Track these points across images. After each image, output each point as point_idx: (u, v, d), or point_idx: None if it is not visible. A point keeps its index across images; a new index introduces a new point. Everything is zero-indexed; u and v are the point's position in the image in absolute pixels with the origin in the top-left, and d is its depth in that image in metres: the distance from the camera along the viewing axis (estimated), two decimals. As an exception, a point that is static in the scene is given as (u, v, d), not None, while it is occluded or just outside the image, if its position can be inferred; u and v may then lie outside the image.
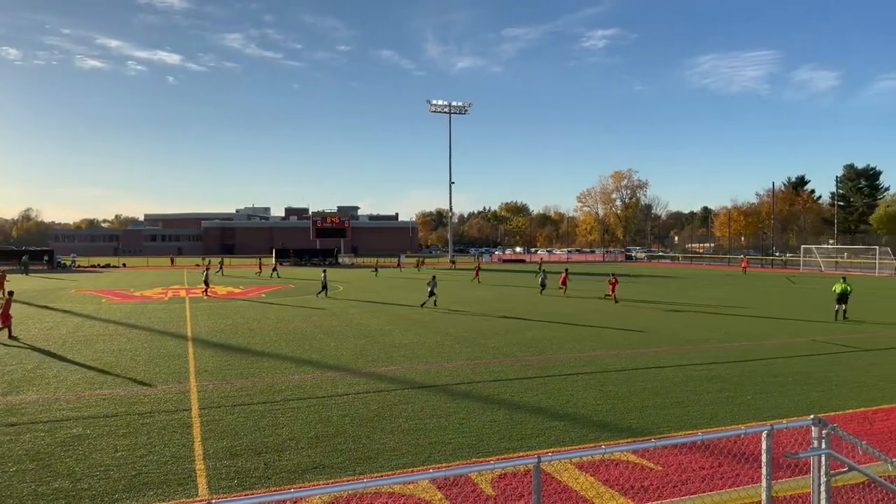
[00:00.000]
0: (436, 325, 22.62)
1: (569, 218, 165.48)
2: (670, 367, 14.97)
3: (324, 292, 34.06)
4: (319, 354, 16.70)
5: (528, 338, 19.46)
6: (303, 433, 9.78)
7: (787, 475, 7.48)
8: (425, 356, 16.40)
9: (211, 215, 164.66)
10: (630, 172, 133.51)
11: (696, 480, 7.81)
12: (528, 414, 10.90)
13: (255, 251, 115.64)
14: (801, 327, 21.88)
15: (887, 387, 12.91)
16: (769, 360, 15.89)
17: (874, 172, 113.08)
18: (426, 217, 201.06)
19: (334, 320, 24.06)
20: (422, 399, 11.89)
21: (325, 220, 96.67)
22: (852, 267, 65.61)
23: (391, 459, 8.61)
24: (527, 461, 3.97)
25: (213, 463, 8.49)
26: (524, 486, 7.43)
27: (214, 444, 9.25)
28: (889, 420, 10.56)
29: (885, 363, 15.42)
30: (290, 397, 12.07)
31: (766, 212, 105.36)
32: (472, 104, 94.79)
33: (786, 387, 12.95)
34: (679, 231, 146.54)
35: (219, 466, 8.36)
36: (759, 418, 10.58)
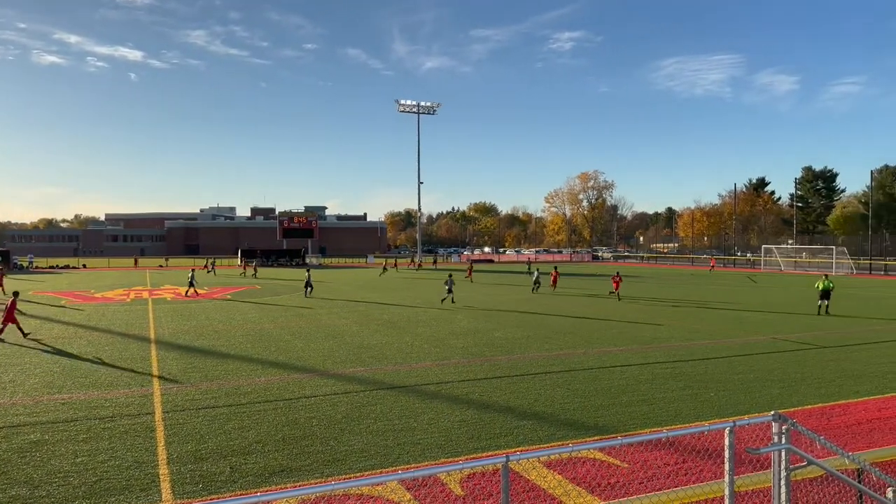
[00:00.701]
0: (405, 325, 22.57)
1: (537, 218, 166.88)
2: (636, 365, 15.20)
3: (310, 290, 34.98)
4: (286, 356, 16.52)
5: (496, 337, 19.55)
6: (269, 436, 9.65)
7: (749, 470, 7.65)
8: (394, 357, 16.35)
9: (174, 215, 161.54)
10: (596, 173, 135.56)
11: (661, 477, 7.94)
12: (496, 413, 10.95)
13: (220, 252, 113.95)
14: (762, 325, 22.42)
15: (844, 383, 13.31)
16: (731, 357, 16.24)
17: (831, 174, 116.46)
18: (395, 217, 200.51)
19: (301, 321, 23.82)
20: (390, 400, 11.85)
21: (292, 220, 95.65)
22: (811, 266, 67.49)
23: (360, 461, 8.56)
24: (495, 460, 3.98)
25: (177, 467, 8.33)
26: (493, 486, 7.45)
27: (179, 448, 9.08)
28: (846, 415, 10.89)
29: (841, 359, 15.90)
30: (256, 400, 11.90)
31: (728, 212, 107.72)
32: (441, 104, 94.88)
33: (747, 384, 13.25)
34: (644, 231, 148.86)
35: (183, 471, 8.21)
36: (721, 415, 10.81)
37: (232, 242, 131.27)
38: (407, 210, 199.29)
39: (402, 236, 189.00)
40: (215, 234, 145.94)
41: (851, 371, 14.48)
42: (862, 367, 14.96)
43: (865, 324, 22.95)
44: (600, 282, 47.04)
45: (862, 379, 13.65)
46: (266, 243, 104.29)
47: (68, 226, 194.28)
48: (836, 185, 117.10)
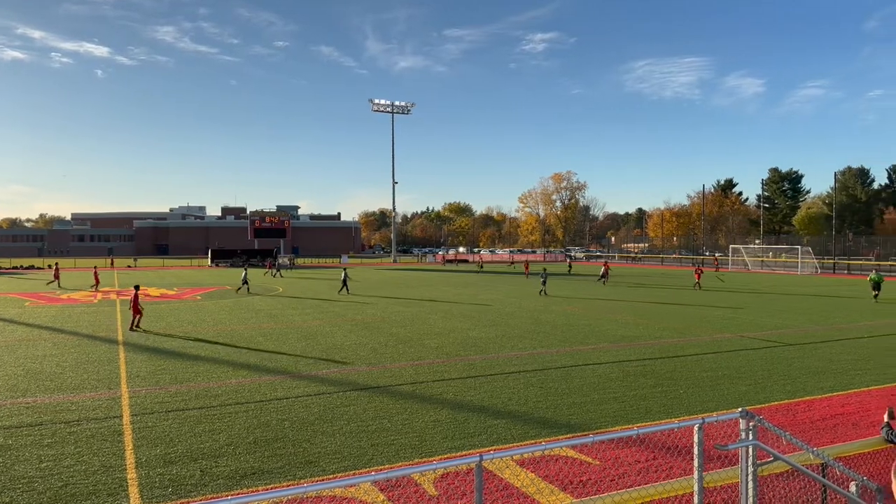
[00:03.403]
0: (379, 325, 22.49)
1: (511, 218, 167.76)
2: (608, 363, 15.37)
3: (345, 289, 36.24)
4: (258, 357, 16.34)
5: (471, 337, 19.59)
6: (241, 438, 9.54)
7: (717, 466, 7.79)
8: (368, 357, 16.29)
9: (143, 214, 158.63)
10: (569, 174, 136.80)
11: (632, 474, 8.04)
12: (470, 413, 10.98)
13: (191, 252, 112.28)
14: (730, 324, 22.84)
15: (809, 379, 13.63)
16: (700, 355, 16.52)
17: (797, 176, 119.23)
18: (369, 217, 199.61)
19: (273, 322, 23.59)
20: (364, 401, 11.81)
21: (264, 219, 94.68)
22: (777, 266, 68.99)
23: (332, 462, 8.51)
24: (469, 460, 3.99)
25: (145, 471, 8.18)
26: (466, 485, 7.48)
27: (147, 452, 8.92)
28: (811, 411, 11.16)
29: (806, 357, 16.28)
30: (227, 402, 11.76)
31: (697, 213, 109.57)
32: (415, 104, 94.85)
33: (716, 381, 13.49)
34: (615, 232, 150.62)
35: (152, 475, 8.07)
36: (691, 411, 10.99)
37: (202, 242, 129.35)
38: (381, 210, 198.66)
39: (376, 236, 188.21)
40: (185, 234, 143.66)
41: (815, 368, 14.84)
42: (825, 364, 15.34)
43: (828, 322, 23.53)
44: (579, 282, 47.43)
45: (825, 375, 14.00)
46: (237, 243, 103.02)
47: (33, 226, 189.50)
48: (802, 186, 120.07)
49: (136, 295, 22.03)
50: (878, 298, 32.15)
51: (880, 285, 32.84)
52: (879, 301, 31.57)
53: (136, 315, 21.64)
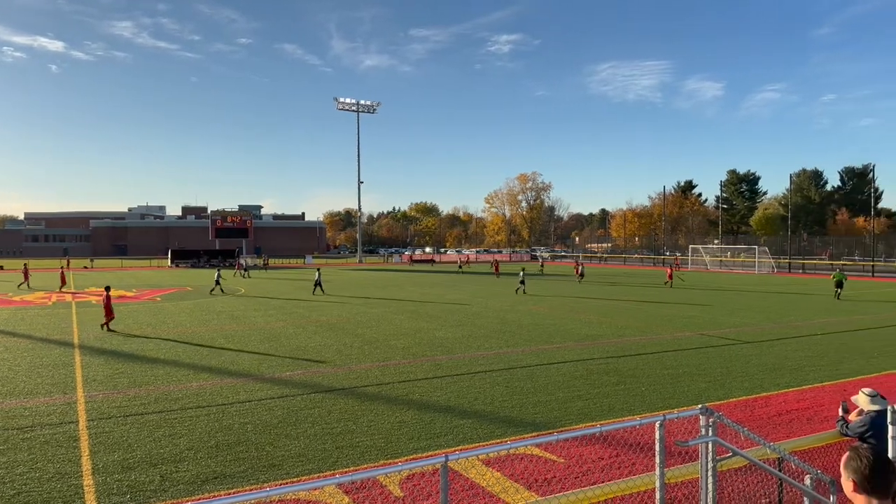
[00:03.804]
0: (344, 326, 22.32)
1: (477, 219, 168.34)
2: (572, 361, 15.54)
3: (319, 289, 36.47)
4: (220, 360, 16.05)
5: (438, 337, 19.59)
6: (202, 442, 9.36)
7: (678, 462, 7.93)
8: (333, 359, 16.14)
9: (100, 214, 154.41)
10: (535, 175, 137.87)
11: (596, 471, 8.14)
12: (437, 413, 10.97)
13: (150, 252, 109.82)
14: (690, 322, 23.32)
15: (765, 376, 14.00)
16: (661, 353, 16.82)
17: (754, 178, 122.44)
18: (334, 217, 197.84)
19: (235, 324, 23.21)
20: (329, 403, 11.70)
21: (226, 219, 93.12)
22: (735, 265, 70.71)
23: (297, 466, 8.40)
24: (434, 461, 3.98)
25: (102, 478, 7.96)
26: (432, 486, 7.46)
27: (104, 458, 8.68)
28: (768, 407, 11.46)
29: (762, 354, 16.72)
30: (187, 405, 11.52)
31: (658, 214, 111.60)
32: (381, 103, 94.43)
33: (677, 378, 13.76)
34: (580, 232, 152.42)
35: (109, 481, 7.85)
36: (652, 409, 11.18)
37: (162, 242, 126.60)
38: (347, 210, 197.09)
39: (341, 236, 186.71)
40: (144, 234, 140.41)
41: (772, 365, 15.25)
42: (781, 360, 15.78)
43: (784, 320, 24.21)
44: (550, 281, 47.86)
45: (781, 372, 14.40)
46: (198, 243, 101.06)
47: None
48: (759, 187, 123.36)
49: (108, 296, 21.84)
50: (839, 296, 33.25)
51: (843, 283, 34.05)
52: (842, 299, 32.64)
53: (108, 316, 21.53)
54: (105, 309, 21.65)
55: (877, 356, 16.39)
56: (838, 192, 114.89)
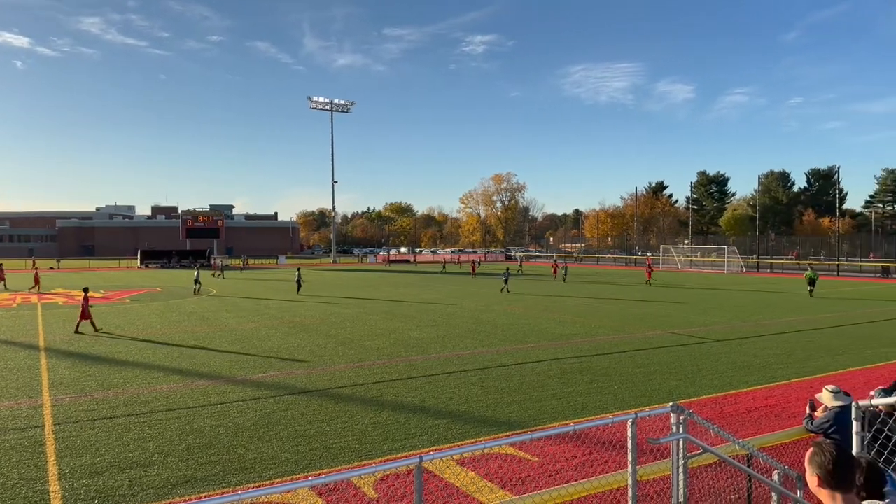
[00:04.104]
0: (317, 327, 22.16)
1: (452, 219, 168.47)
2: (546, 361, 15.64)
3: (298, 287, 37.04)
4: (190, 362, 15.81)
5: (412, 337, 19.56)
6: (172, 446, 9.21)
7: (650, 459, 8.02)
8: (306, 360, 16.02)
9: (67, 213, 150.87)
10: (509, 175, 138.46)
11: (569, 469, 8.20)
12: (411, 414, 10.95)
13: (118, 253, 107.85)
14: (661, 321, 23.64)
15: (735, 374, 14.26)
16: (633, 351, 17.03)
17: (723, 179, 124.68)
18: (308, 217, 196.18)
19: (206, 325, 22.89)
20: (302, 405, 11.60)
21: (197, 219, 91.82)
22: (704, 265, 71.85)
23: (269, 468, 8.32)
24: (408, 461, 3.97)
25: (69, 483, 7.78)
26: (406, 486, 7.45)
27: (71, 463, 8.49)
28: (737, 404, 11.67)
29: (732, 352, 17.02)
30: (157, 408, 11.32)
31: (630, 214, 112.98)
32: (355, 103, 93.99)
33: (648, 376, 13.93)
34: (554, 232, 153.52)
35: (76, 486, 7.68)
36: (625, 406, 11.30)
37: (131, 243, 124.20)
38: (320, 210, 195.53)
39: (315, 236, 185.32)
40: (113, 234, 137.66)
41: (741, 363, 15.53)
42: (750, 358, 16.08)
43: (753, 318, 24.68)
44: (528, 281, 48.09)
45: (750, 370, 14.68)
46: (168, 244, 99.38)
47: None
48: (728, 188, 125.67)
49: (86, 298, 21.67)
50: (812, 294, 34.39)
51: (815, 282, 35.13)
52: (814, 296, 33.68)
53: (83, 318, 21.26)
54: (82, 310, 21.32)
55: (842, 353, 16.80)
56: (805, 193, 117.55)
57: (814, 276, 35.28)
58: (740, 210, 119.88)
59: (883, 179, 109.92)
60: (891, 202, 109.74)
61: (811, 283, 34.95)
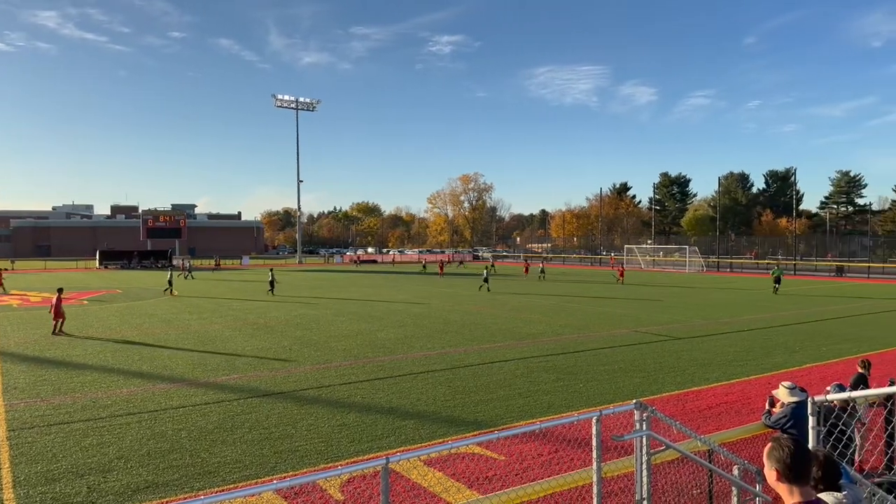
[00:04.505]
0: (282, 329, 21.90)
1: (420, 219, 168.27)
2: (513, 360, 15.73)
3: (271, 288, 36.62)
4: (151, 365, 15.47)
5: (379, 338, 19.47)
6: (133, 451, 8.99)
7: (615, 456, 8.13)
8: (270, 362, 15.81)
9: (22, 213, 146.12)
10: (477, 175, 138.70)
11: (535, 467, 8.26)
12: (378, 415, 10.90)
13: (76, 253, 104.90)
14: (625, 319, 24.00)
15: (696, 371, 14.56)
16: (598, 350, 17.25)
17: (685, 180, 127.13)
18: (272, 217, 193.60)
19: (168, 327, 22.42)
20: (267, 407, 11.45)
21: (158, 218, 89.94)
22: (667, 265, 73.23)
23: (233, 472, 8.18)
24: (375, 463, 3.94)
25: (24, 490, 7.54)
26: (373, 488, 7.40)
27: (27, 470, 8.22)
28: (698, 400, 11.91)
29: (693, 350, 17.37)
30: (117, 413, 11.05)
31: (595, 215, 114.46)
32: (321, 101, 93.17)
33: (612, 374, 14.13)
34: (521, 232, 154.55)
35: (32, 494, 7.44)
36: (590, 404, 11.44)
37: (90, 243, 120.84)
38: (286, 209, 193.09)
39: (280, 236, 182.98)
40: (70, 235, 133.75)
41: (702, 360, 15.86)
42: (711, 356, 16.44)
43: (714, 317, 25.23)
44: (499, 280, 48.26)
45: (711, 367, 15.00)
46: (128, 244, 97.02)
47: None
48: (689, 189, 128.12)
49: (59, 298, 21.27)
50: (777, 291, 36.24)
51: (780, 279, 37.39)
52: (779, 293, 35.40)
53: (57, 319, 20.92)
54: (54, 311, 20.90)
55: (798, 350, 17.29)
56: (763, 194, 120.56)
57: (779, 274, 37.39)
58: (701, 211, 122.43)
59: (837, 181, 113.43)
60: (844, 203, 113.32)
61: (777, 280, 36.89)
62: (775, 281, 37.17)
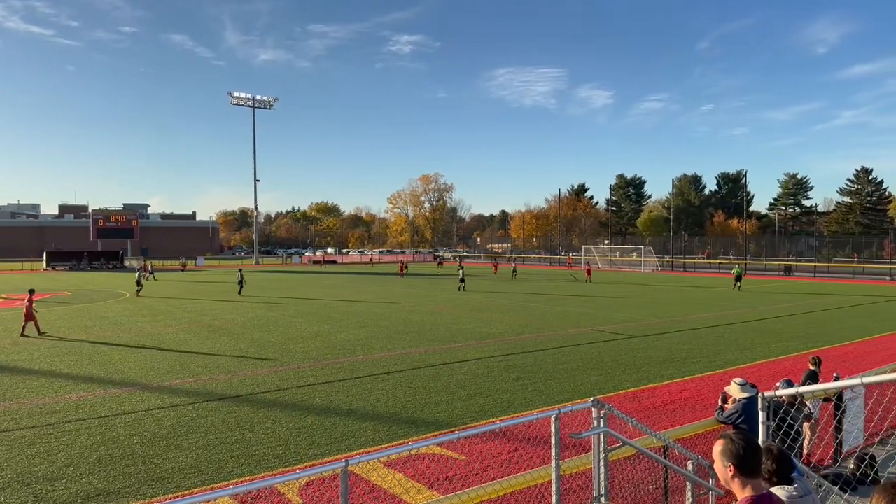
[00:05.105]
0: (239, 331, 21.50)
1: (380, 219, 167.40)
2: (473, 360, 15.79)
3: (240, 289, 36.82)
4: (102, 369, 14.99)
5: (339, 340, 19.29)
6: (82, 458, 8.70)
7: (573, 454, 8.23)
8: (226, 365, 15.50)
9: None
10: (437, 176, 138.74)
11: (495, 466, 8.31)
12: (338, 417, 10.80)
13: (21, 254, 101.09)
14: (583, 318, 24.35)
15: (651, 368, 14.87)
16: (557, 348, 17.46)
17: (640, 182, 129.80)
18: (228, 216, 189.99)
19: (119, 330, 21.78)
20: (223, 411, 11.22)
21: (109, 218, 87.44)
22: (623, 264, 74.62)
23: (188, 478, 7.99)
24: (334, 466, 3.90)
25: (-37, 504, 7.21)
26: (332, 491, 7.33)
27: (-35, 482, 7.86)
28: (654, 397, 12.16)
29: (649, 348, 17.74)
30: (65, 419, 10.67)
31: (554, 215, 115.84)
32: (278, 99, 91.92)
33: (571, 372, 14.32)
34: (481, 232, 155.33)
35: (-29, 507, 7.12)
36: (549, 402, 11.56)
37: (36, 244, 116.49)
38: (242, 209, 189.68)
39: (236, 237, 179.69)
40: (15, 235, 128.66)
41: (657, 357, 16.21)
42: (665, 353, 16.81)
43: (668, 315, 25.81)
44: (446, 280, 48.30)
45: (665, 364, 15.34)
46: (78, 244, 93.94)
47: None
48: (644, 191, 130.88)
49: (31, 299, 21.10)
50: (739, 288, 38.49)
51: (741, 277, 39.96)
52: (735, 291, 37.47)
53: (28, 321, 20.72)
54: (25, 313, 20.69)
55: (749, 347, 17.83)
56: (715, 195, 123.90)
57: (740, 272, 39.99)
58: (656, 212, 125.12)
59: (785, 183, 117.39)
60: (792, 205, 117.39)
61: (738, 278, 39.31)
62: (736, 279, 39.37)
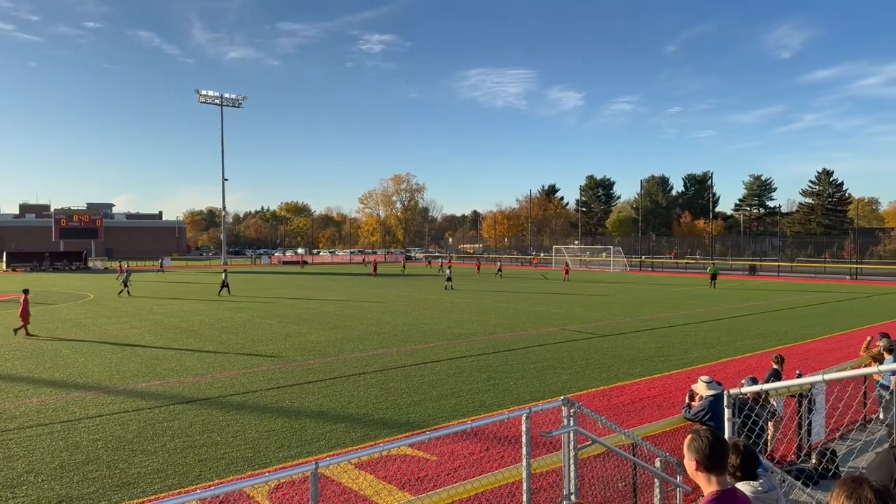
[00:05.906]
0: (207, 333, 21.17)
1: (351, 219, 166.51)
2: (445, 360, 15.80)
3: (226, 289, 36.56)
4: (65, 372, 14.62)
5: (309, 341, 19.12)
6: (44, 464, 8.47)
7: (544, 452, 8.29)
8: (194, 368, 15.25)
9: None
10: (409, 176, 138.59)
11: (467, 466, 8.32)
12: (308, 419, 10.70)
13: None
14: (553, 318, 24.55)
15: (620, 367, 15.05)
16: (528, 348, 17.56)
17: (609, 183, 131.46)
18: (196, 216, 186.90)
19: (83, 332, 21.27)
20: (190, 414, 11.03)
21: (72, 218, 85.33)
22: (593, 264, 75.46)
23: (154, 483, 7.84)
24: (304, 468, 3.86)
25: (-84, 514, 6.96)
26: (303, 494, 7.26)
27: (-81, 491, 7.59)
28: (622, 396, 12.32)
29: (618, 346, 17.96)
30: (26, 424, 10.38)
31: (525, 216, 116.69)
32: (247, 97, 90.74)
33: (542, 371, 14.42)
34: (453, 233, 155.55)
35: (-75, 517, 6.88)
36: (520, 402, 11.63)
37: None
38: (210, 209, 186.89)
39: (204, 237, 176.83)
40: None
41: (626, 356, 16.42)
42: (634, 352, 17.04)
43: (637, 314, 26.17)
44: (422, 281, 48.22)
45: (634, 363, 15.55)
46: (39, 245, 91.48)
47: None
48: (614, 192, 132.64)
49: (26, 300, 21.21)
50: (715, 286, 39.74)
51: (716, 276, 41.45)
52: (717, 288, 39.10)
53: (25, 321, 20.90)
54: (22, 313, 20.68)
55: (715, 345, 18.17)
56: (682, 196, 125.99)
57: (715, 271, 41.64)
58: (625, 212, 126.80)
59: (750, 185, 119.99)
60: (756, 206, 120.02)
61: (713, 277, 40.76)
62: (712, 277, 40.72)
